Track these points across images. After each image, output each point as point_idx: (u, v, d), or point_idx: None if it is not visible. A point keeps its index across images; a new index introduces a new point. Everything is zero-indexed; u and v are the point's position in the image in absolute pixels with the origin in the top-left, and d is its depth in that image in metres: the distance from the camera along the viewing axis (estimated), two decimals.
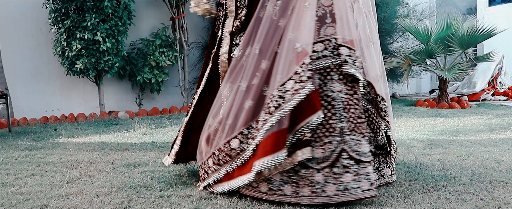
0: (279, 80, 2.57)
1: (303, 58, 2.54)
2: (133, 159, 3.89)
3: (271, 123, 2.51)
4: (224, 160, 2.72)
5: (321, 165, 2.54)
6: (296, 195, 2.54)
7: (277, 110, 2.52)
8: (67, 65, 7.00)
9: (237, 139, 2.67)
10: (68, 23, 6.84)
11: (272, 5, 2.69)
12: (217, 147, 2.74)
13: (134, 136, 5.17)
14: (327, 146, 2.55)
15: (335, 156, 2.54)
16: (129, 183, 3.09)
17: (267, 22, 2.68)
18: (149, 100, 8.13)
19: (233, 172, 2.70)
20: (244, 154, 2.64)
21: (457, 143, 4.32)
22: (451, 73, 7.39)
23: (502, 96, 8.75)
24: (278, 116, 2.51)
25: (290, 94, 2.51)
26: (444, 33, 7.61)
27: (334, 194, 2.50)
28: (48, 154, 4.21)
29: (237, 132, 2.67)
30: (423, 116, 6.43)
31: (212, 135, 2.80)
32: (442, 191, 2.79)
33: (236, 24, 2.90)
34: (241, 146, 2.66)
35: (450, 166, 3.38)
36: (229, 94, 2.75)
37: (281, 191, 2.57)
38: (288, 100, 2.51)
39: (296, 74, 2.53)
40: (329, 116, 2.57)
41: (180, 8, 7.81)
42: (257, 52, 2.67)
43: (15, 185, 3.14)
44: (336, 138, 2.55)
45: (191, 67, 8.36)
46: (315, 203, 2.52)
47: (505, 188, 2.86)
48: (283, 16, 2.67)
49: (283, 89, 2.54)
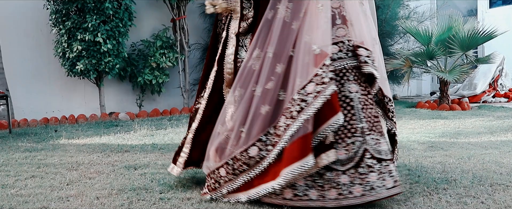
0: (299, 83, 2.52)
1: (323, 60, 2.51)
2: (133, 161, 3.88)
3: (295, 127, 2.47)
4: (241, 169, 2.62)
5: (346, 167, 2.53)
6: (322, 199, 2.50)
7: (300, 114, 2.47)
8: (67, 66, 7.01)
9: (256, 147, 2.57)
10: (69, 24, 6.84)
11: (284, 8, 2.64)
12: (231, 156, 2.63)
13: (134, 138, 5.17)
14: (350, 147, 2.55)
15: (359, 156, 2.54)
16: (130, 185, 3.08)
17: (279, 25, 2.62)
18: (149, 102, 8.13)
19: (252, 180, 2.60)
20: (264, 162, 2.56)
21: (458, 146, 4.32)
22: (451, 75, 7.38)
23: (503, 98, 8.75)
24: (302, 120, 2.46)
25: (312, 97, 2.47)
26: (445, 35, 7.61)
27: (361, 195, 2.49)
28: (49, 155, 4.21)
29: (254, 139, 2.57)
30: (424, 118, 6.42)
31: (223, 144, 2.67)
32: (442, 194, 2.78)
33: (243, 26, 2.84)
34: (260, 153, 2.56)
35: (450, 169, 3.38)
36: (240, 99, 2.65)
37: (306, 196, 2.51)
38: (311, 103, 2.47)
39: (317, 76, 2.50)
40: (349, 116, 2.58)
41: (181, 10, 7.82)
42: (270, 55, 2.60)
43: (15, 187, 3.13)
44: (358, 138, 2.56)
45: (192, 69, 8.36)
46: (342, 205, 2.49)
47: (505, 191, 2.85)
48: (296, 19, 2.62)
49: (304, 92, 2.49)
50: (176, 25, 7.83)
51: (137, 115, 7.34)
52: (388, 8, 8.38)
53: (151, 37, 7.92)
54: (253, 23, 2.82)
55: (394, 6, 8.52)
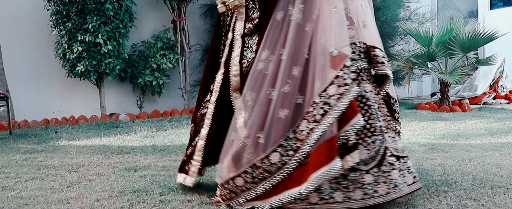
0: (319, 86, 2.49)
1: (341, 61, 2.49)
2: (133, 163, 3.88)
3: (320, 131, 2.43)
4: (261, 176, 2.52)
5: (369, 166, 2.53)
6: (348, 200, 2.48)
7: (324, 117, 2.44)
8: (68, 67, 7.01)
9: (277, 153, 2.49)
10: (69, 25, 6.84)
11: (297, 10, 2.59)
12: (250, 164, 2.53)
13: (135, 139, 5.17)
14: (371, 146, 2.55)
15: (381, 155, 2.56)
16: (130, 188, 3.08)
17: (293, 27, 2.58)
18: (150, 103, 8.13)
19: (274, 188, 2.51)
20: (287, 168, 2.49)
21: (458, 148, 4.31)
22: (452, 76, 7.39)
23: (503, 100, 8.75)
24: (327, 123, 2.43)
25: (335, 99, 2.45)
26: (446, 36, 7.61)
27: (386, 193, 2.51)
28: (49, 157, 4.21)
29: (275, 145, 2.50)
30: (425, 119, 6.42)
31: (239, 152, 2.56)
32: (443, 197, 2.78)
33: (248, 27, 2.78)
34: (282, 159, 2.49)
35: (451, 171, 3.37)
36: (254, 104, 2.57)
37: (332, 199, 2.47)
38: (335, 106, 2.44)
39: (338, 78, 2.48)
40: (367, 116, 2.58)
41: (182, 11, 7.82)
42: (285, 57, 2.55)
43: (16, 189, 3.13)
44: (378, 137, 2.57)
45: (192, 70, 8.35)
46: (368, 205, 2.49)
47: (506, 193, 2.85)
48: (309, 21, 2.58)
49: (326, 95, 2.46)
50: (176, 26, 7.83)
51: (137, 116, 7.34)
52: (388, 10, 8.37)
53: (151, 38, 7.92)
54: (259, 23, 2.76)
55: (395, 8, 8.52)
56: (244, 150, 2.54)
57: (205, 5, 8.32)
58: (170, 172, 3.49)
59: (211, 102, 2.88)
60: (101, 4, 6.76)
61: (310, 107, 2.48)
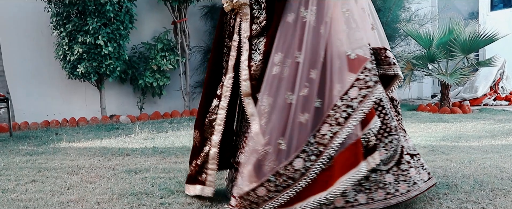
0: (339, 89, 2.46)
1: (362, 64, 2.48)
2: (134, 165, 3.88)
3: (345, 134, 2.41)
4: (285, 184, 2.44)
5: (388, 166, 2.56)
6: (371, 201, 2.50)
7: (348, 120, 2.41)
8: (68, 69, 7.01)
9: (301, 159, 2.43)
10: (70, 27, 6.85)
11: (310, 12, 2.54)
12: (273, 172, 2.44)
13: (135, 141, 5.17)
14: (389, 146, 2.57)
15: (399, 153, 2.60)
16: (130, 190, 3.08)
17: (308, 29, 2.53)
18: (150, 104, 8.13)
19: (299, 194, 2.44)
20: (310, 173, 2.43)
21: (459, 150, 4.31)
22: (453, 78, 7.38)
23: (504, 101, 8.74)
24: (352, 126, 2.41)
25: (358, 102, 2.43)
26: (446, 38, 7.61)
27: (406, 191, 2.55)
28: (49, 159, 4.21)
29: (298, 151, 2.44)
30: (425, 121, 6.41)
31: (261, 160, 2.46)
32: (443, 199, 2.78)
33: (255, 29, 2.70)
34: (305, 165, 2.43)
35: (451, 174, 3.37)
36: (271, 109, 2.50)
37: (357, 201, 2.48)
38: (358, 108, 2.43)
39: (359, 81, 2.46)
40: (383, 116, 2.59)
41: (182, 12, 7.82)
42: (301, 60, 2.49)
43: (16, 191, 3.13)
44: (394, 136, 2.59)
45: (193, 71, 8.36)
46: (391, 204, 2.52)
47: (506, 196, 2.84)
48: (323, 23, 2.54)
49: (348, 98, 2.44)
50: (177, 27, 7.84)
51: (138, 118, 7.34)
52: (389, 11, 8.38)
53: (152, 40, 7.92)
54: (266, 25, 2.68)
55: (395, 9, 8.53)
56: (266, 158, 2.46)
57: (206, 7, 8.32)
58: (170, 175, 3.49)
59: (221, 107, 2.79)
60: (101, 5, 6.76)
61: (331, 111, 2.45)
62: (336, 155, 2.41)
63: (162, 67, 7.59)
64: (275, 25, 2.62)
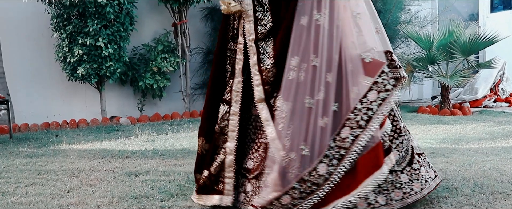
0: (357, 92, 2.46)
1: (378, 68, 2.49)
2: (134, 168, 3.88)
3: (367, 137, 2.42)
4: (309, 190, 2.42)
5: (402, 166, 2.63)
6: (390, 202, 2.53)
7: (369, 123, 2.42)
8: (69, 70, 7.02)
9: (324, 164, 2.41)
10: (70, 28, 6.85)
11: (323, 16, 2.51)
12: (297, 179, 2.41)
13: (135, 143, 5.17)
14: (400, 147, 2.64)
15: (410, 153, 2.67)
16: (130, 193, 3.08)
17: (322, 32, 2.50)
18: (150, 106, 8.13)
19: (323, 199, 2.42)
20: (333, 177, 2.42)
21: (459, 152, 4.31)
22: (453, 79, 7.38)
23: (504, 103, 8.74)
24: (373, 129, 2.42)
25: (377, 105, 2.45)
26: (446, 40, 7.61)
27: (420, 189, 2.62)
28: (49, 161, 4.21)
29: (321, 155, 2.42)
30: (425, 123, 6.41)
31: (285, 168, 2.43)
32: (443, 203, 2.78)
33: (261, 31, 2.65)
34: (328, 170, 2.41)
35: (452, 176, 3.37)
36: (291, 114, 2.47)
37: (377, 203, 2.49)
38: (377, 111, 2.44)
39: (377, 84, 2.47)
40: (392, 118, 2.64)
41: (182, 14, 7.82)
42: (316, 64, 2.47)
43: (16, 194, 3.13)
44: (404, 137, 2.67)
45: (193, 73, 8.36)
46: (407, 203, 2.57)
47: (506, 199, 2.84)
48: (335, 26, 2.53)
49: (367, 101, 2.45)
50: (177, 29, 7.84)
51: (138, 120, 7.34)
52: (389, 13, 8.38)
53: (152, 42, 7.92)
54: (272, 28, 2.64)
55: (396, 11, 8.53)
56: (290, 165, 2.42)
57: (206, 8, 8.33)
58: (171, 178, 3.49)
59: (233, 113, 2.71)
60: (101, 7, 6.76)
61: (351, 114, 2.45)
62: (358, 158, 2.43)
63: (162, 69, 7.60)
64: (286, 28, 2.58)
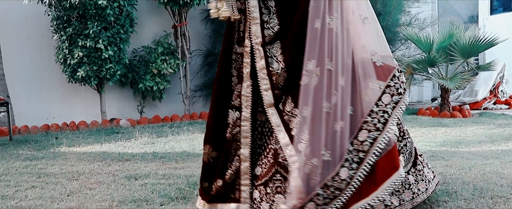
0: (371, 95, 2.48)
1: (390, 72, 2.51)
2: (134, 171, 3.88)
3: (386, 140, 2.43)
4: (332, 196, 2.41)
5: (407, 167, 2.68)
6: (403, 202, 2.59)
7: (386, 125, 2.44)
8: (69, 72, 7.02)
9: (345, 168, 2.41)
10: (70, 30, 6.85)
11: (335, 20, 2.49)
12: (321, 185, 2.39)
13: (135, 146, 5.17)
14: (404, 149, 2.69)
15: (414, 155, 2.73)
16: (130, 197, 3.08)
17: (334, 37, 2.49)
18: (150, 108, 8.13)
19: (345, 204, 2.41)
20: (354, 181, 2.42)
21: (459, 155, 4.31)
22: (453, 82, 7.39)
23: (503, 105, 8.74)
24: (391, 131, 2.44)
25: (391, 108, 2.47)
26: (446, 42, 7.62)
27: (425, 189, 2.70)
28: (49, 164, 4.21)
29: (342, 160, 2.41)
30: (425, 125, 6.41)
31: (309, 175, 2.40)
32: (443, 207, 2.77)
33: (268, 34, 2.59)
34: (349, 174, 2.41)
35: (451, 180, 3.37)
36: (311, 120, 2.44)
37: (393, 204, 2.53)
38: (392, 114, 2.46)
39: (390, 88, 2.49)
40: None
41: (182, 16, 7.82)
42: (330, 68, 2.46)
43: (15, 198, 3.13)
44: (408, 139, 2.72)
45: (193, 75, 8.36)
46: (416, 203, 2.63)
47: (506, 203, 2.84)
48: (346, 30, 2.53)
49: (382, 104, 2.47)
50: (177, 31, 7.84)
51: (138, 122, 7.34)
52: (389, 15, 8.38)
53: (152, 44, 7.93)
54: (280, 31, 2.59)
55: (395, 13, 8.53)
56: (313, 172, 2.40)
57: (206, 10, 8.31)
58: (170, 181, 3.49)
59: (244, 118, 2.66)
60: (101, 9, 6.77)
61: (368, 117, 2.46)
62: (377, 161, 2.44)
63: (162, 71, 7.60)
64: (295, 31, 2.54)
